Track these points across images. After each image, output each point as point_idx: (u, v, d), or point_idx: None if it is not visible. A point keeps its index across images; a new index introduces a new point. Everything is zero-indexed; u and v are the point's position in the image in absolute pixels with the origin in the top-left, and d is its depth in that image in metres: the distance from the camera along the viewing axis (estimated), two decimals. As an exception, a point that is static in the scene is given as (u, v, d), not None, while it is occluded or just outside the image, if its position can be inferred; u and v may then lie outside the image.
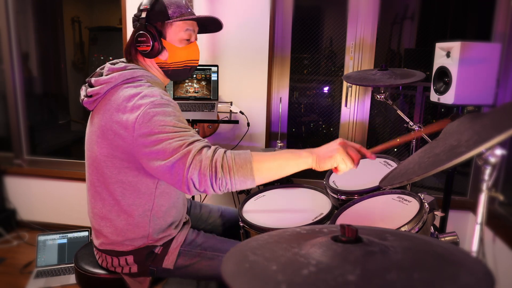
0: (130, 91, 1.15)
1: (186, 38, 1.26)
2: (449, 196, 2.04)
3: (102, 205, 1.25)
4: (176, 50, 1.26)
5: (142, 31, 1.21)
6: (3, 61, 2.86)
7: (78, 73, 3.79)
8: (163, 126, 1.07)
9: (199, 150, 1.02)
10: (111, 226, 1.26)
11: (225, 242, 1.40)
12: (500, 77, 2.10)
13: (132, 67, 1.22)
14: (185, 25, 1.25)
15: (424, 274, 0.53)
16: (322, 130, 2.82)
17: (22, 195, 2.94)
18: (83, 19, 3.73)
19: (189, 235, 1.37)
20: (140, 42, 1.22)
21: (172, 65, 1.27)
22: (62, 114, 3.66)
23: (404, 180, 0.79)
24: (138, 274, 1.30)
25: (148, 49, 1.21)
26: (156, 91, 1.15)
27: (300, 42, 2.61)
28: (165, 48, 1.24)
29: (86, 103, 1.25)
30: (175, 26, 1.24)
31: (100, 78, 1.22)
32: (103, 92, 1.20)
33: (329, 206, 1.52)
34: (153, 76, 1.26)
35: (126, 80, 1.19)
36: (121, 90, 1.17)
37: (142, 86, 1.18)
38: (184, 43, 1.27)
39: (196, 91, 2.21)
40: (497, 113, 0.79)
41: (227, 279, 0.54)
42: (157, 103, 1.10)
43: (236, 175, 1.01)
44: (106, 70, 1.23)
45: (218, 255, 1.32)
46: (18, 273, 2.35)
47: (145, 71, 1.24)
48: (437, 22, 2.70)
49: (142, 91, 1.14)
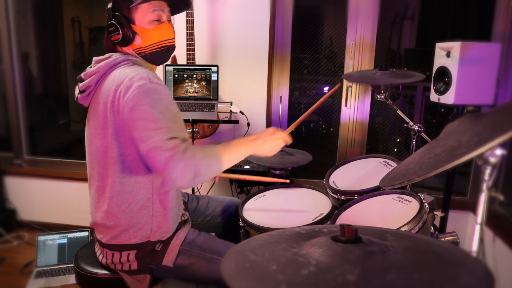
0: (118, 74, 1.19)
1: (155, 18, 1.27)
2: (449, 196, 2.03)
3: (105, 198, 1.26)
4: (147, 32, 1.26)
5: (110, 21, 1.23)
6: (3, 61, 2.86)
7: (78, 73, 3.78)
8: (150, 114, 1.10)
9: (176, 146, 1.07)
10: (115, 219, 1.27)
11: (225, 244, 1.39)
12: (500, 77, 2.10)
13: (116, 55, 1.25)
14: (151, 6, 1.26)
15: (424, 274, 0.53)
16: (322, 130, 2.82)
17: (22, 195, 2.94)
18: (83, 19, 3.72)
19: (189, 234, 1.37)
20: (111, 32, 1.24)
21: (148, 48, 1.28)
22: (62, 114, 3.65)
23: (405, 181, 0.80)
24: (138, 271, 1.31)
25: (119, 37, 1.23)
26: (144, 73, 1.16)
27: (300, 42, 2.61)
28: (137, 33, 1.25)
29: (81, 100, 1.29)
30: (141, 9, 1.25)
31: (89, 70, 1.26)
32: (94, 84, 1.24)
33: (329, 206, 1.52)
34: (138, 60, 1.28)
35: (113, 67, 1.23)
36: (110, 76, 1.21)
37: (131, 67, 1.20)
38: (155, 24, 1.27)
39: (196, 91, 2.21)
40: (497, 113, 0.79)
41: (227, 279, 0.54)
42: (146, 88, 1.12)
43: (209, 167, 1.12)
44: (93, 63, 1.28)
45: (217, 258, 1.32)
46: (18, 273, 2.35)
47: (129, 55, 1.26)
48: (437, 22, 2.70)
49: (130, 73, 1.16)
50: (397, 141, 2.76)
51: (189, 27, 2.26)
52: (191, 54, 2.30)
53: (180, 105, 2.14)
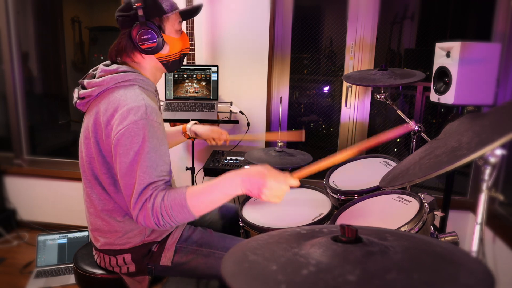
0: (119, 97, 1.16)
1: (180, 28, 1.30)
2: (449, 196, 2.03)
3: (97, 204, 1.26)
4: (175, 42, 1.28)
5: (145, 29, 1.20)
6: (3, 61, 2.86)
7: (78, 73, 3.78)
8: (135, 155, 1.10)
9: (144, 203, 1.08)
10: (107, 225, 1.27)
11: (221, 238, 1.40)
12: (500, 77, 2.10)
13: (124, 70, 1.22)
14: (177, 16, 1.28)
15: (424, 274, 0.53)
16: (322, 130, 2.82)
17: (22, 195, 2.94)
18: (83, 19, 3.72)
19: (185, 232, 1.37)
20: (144, 40, 1.21)
21: (172, 56, 1.30)
22: (62, 114, 3.65)
23: (405, 182, 0.79)
24: (137, 273, 1.31)
25: (154, 45, 1.22)
26: (143, 106, 1.13)
27: (300, 42, 2.61)
28: (166, 42, 1.25)
29: (79, 105, 1.27)
30: (171, 19, 1.26)
31: (92, 80, 1.23)
32: (95, 95, 1.22)
33: (329, 206, 1.52)
34: (145, 80, 1.25)
35: (117, 84, 1.19)
36: (111, 94, 1.18)
37: (133, 91, 1.18)
38: (179, 33, 1.30)
39: (196, 91, 2.21)
40: (497, 113, 0.79)
41: (227, 278, 0.54)
42: (140, 124, 1.10)
43: (176, 219, 1.10)
44: (99, 71, 1.24)
45: (214, 252, 1.33)
46: (18, 273, 2.35)
47: (137, 74, 1.23)
48: (437, 22, 2.70)
49: (131, 102, 1.14)
50: (397, 141, 2.76)
51: (189, 27, 2.26)
52: (191, 54, 2.30)
53: (180, 105, 2.14)
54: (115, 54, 1.28)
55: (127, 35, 1.23)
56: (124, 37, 1.24)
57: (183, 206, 1.08)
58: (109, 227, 1.27)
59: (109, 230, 1.27)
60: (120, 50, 1.26)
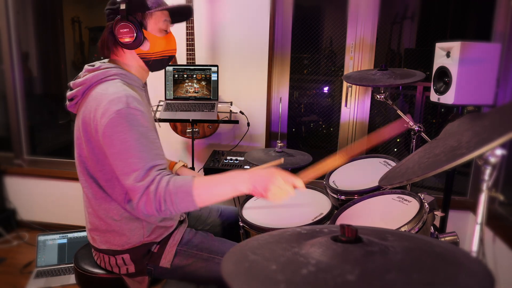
0: (101, 92, 1.17)
1: (165, 28, 1.29)
2: (449, 196, 2.03)
3: (94, 203, 1.26)
4: (156, 40, 1.27)
5: (124, 22, 1.20)
6: (3, 61, 2.85)
7: (79, 73, 3.78)
8: (123, 142, 1.09)
9: (147, 187, 1.07)
10: (105, 225, 1.27)
11: (222, 243, 1.39)
12: (500, 77, 2.10)
13: (106, 67, 1.23)
14: (163, 15, 1.27)
15: (424, 274, 0.53)
16: (322, 130, 2.82)
17: (22, 195, 2.94)
18: (83, 19, 3.72)
19: (185, 235, 1.37)
20: (122, 33, 1.21)
21: (153, 55, 1.29)
22: (62, 114, 3.65)
23: (404, 180, 0.79)
24: (136, 273, 1.31)
25: (132, 40, 1.22)
26: (123, 97, 1.13)
27: (300, 42, 2.61)
28: (146, 38, 1.25)
29: (69, 107, 1.29)
30: (155, 17, 1.25)
31: (77, 80, 1.25)
32: (80, 94, 1.23)
33: (329, 206, 1.52)
34: (129, 74, 1.26)
35: (100, 80, 1.21)
36: (94, 91, 1.19)
37: (115, 85, 1.18)
38: (163, 33, 1.29)
39: (196, 91, 2.20)
40: (497, 113, 0.79)
41: (227, 278, 0.54)
42: (122, 113, 1.10)
43: (179, 206, 1.08)
44: (83, 71, 1.27)
45: (214, 257, 1.32)
46: (18, 273, 2.35)
47: (119, 69, 1.24)
48: (437, 22, 2.70)
49: (111, 94, 1.14)
50: (397, 141, 2.76)
51: (189, 27, 2.26)
52: (191, 54, 2.30)
53: (180, 105, 2.14)
54: (101, 47, 1.29)
55: (109, 28, 1.24)
56: (106, 30, 1.25)
57: (188, 194, 1.08)
58: (107, 227, 1.27)
59: (107, 229, 1.27)
60: (103, 43, 1.27)
